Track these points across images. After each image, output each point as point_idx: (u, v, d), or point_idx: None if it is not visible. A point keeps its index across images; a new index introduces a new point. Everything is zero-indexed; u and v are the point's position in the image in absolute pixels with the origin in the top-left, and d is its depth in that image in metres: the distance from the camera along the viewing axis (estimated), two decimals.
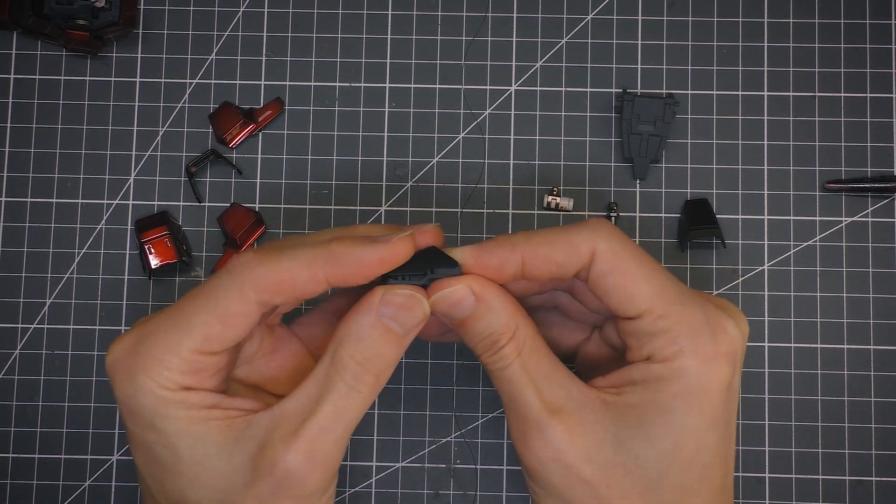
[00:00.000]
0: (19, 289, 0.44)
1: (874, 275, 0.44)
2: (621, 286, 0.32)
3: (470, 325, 0.33)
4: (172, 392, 0.32)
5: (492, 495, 0.43)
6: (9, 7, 0.43)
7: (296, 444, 0.31)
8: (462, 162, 0.45)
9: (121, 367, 0.32)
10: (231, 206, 0.44)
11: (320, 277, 0.32)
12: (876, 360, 0.43)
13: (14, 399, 0.44)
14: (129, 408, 0.32)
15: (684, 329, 0.32)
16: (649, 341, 0.32)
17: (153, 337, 0.32)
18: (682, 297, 0.32)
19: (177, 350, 0.32)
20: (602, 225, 0.33)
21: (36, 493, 0.43)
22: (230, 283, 0.32)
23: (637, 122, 0.43)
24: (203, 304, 0.32)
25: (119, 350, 0.33)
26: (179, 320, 0.32)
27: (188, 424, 0.32)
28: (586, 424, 0.32)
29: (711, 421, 0.32)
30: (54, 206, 0.45)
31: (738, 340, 0.32)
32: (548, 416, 0.32)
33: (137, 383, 0.32)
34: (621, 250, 0.32)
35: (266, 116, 0.45)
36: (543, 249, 0.32)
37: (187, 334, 0.32)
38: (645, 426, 0.32)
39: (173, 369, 0.32)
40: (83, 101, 0.45)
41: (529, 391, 0.33)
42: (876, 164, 0.44)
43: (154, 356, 0.32)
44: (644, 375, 0.32)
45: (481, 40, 0.45)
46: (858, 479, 0.43)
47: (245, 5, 0.45)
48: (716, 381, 0.32)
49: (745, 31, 0.45)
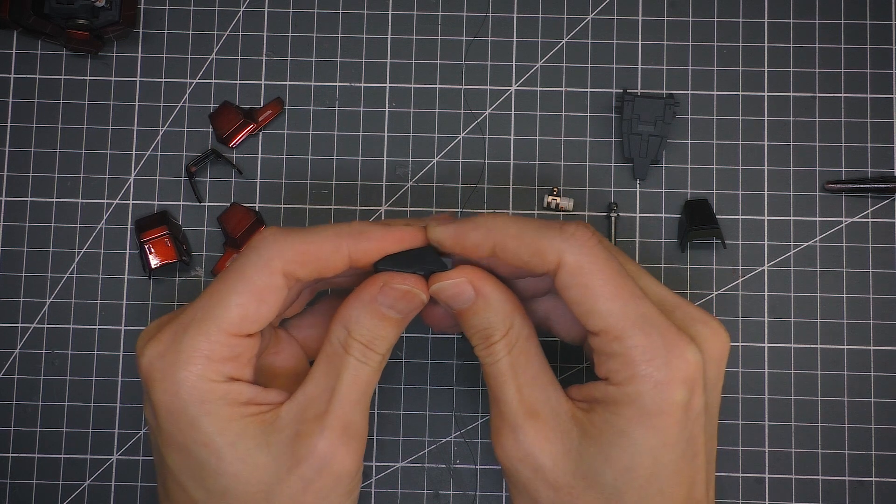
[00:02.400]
0: (19, 288, 0.44)
1: (874, 275, 0.44)
2: (582, 301, 0.32)
3: (467, 317, 0.34)
4: (217, 384, 0.32)
5: (492, 495, 0.43)
6: (9, 6, 0.43)
7: (329, 422, 0.33)
8: (462, 162, 0.45)
9: (159, 367, 0.32)
10: (231, 206, 0.44)
11: (343, 250, 0.33)
12: (876, 360, 0.43)
13: (14, 399, 0.44)
14: (170, 408, 0.32)
15: (638, 354, 0.32)
16: (606, 361, 0.33)
17: (191, 329, 0.32)
18: (641, 319, 0.32)
19: (217, 337, 0.32)
20: (577, 235, 0.32)
21: (36, 493, 0.43)
22: (257, 258, 0.33)
23: (637, 122, 0.43)
24: (234, 285, 0.32)
25: (155, 350, 0.32)
26: (214, 306, 0.32)
27: (229, 421, 0.32)
28: (557, 433, 0.33)
29: (666, 441, 0.32)
30: (54, 205, 0.45)
31: (696, 365, 0.32)
32: (523, 418, 0.33)
33: (180, 380, 0.32)
34: (588, 265, 0.32)
35: (266, 116, 0.45)
36: (513, 244, 0.33)
37: (225, 318, 0.32)
38: (603, 446, 0.32)
39: (216, 358, 0.32)
40: (83, 101, 0.45)
41: (511, 390, 0.33)
42: (876, 164, 0.44)
43: (195, 348, 0.32)
44: (604, 395, 0.33)
45: (481, 40, 0.45)
46: (858, 479, 0.43)
47: (245, 5, 0.45)
48: (669, 405, 0.32)
49: (746, 31, 0.45)
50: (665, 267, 0.44)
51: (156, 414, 0.32)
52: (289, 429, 0.33)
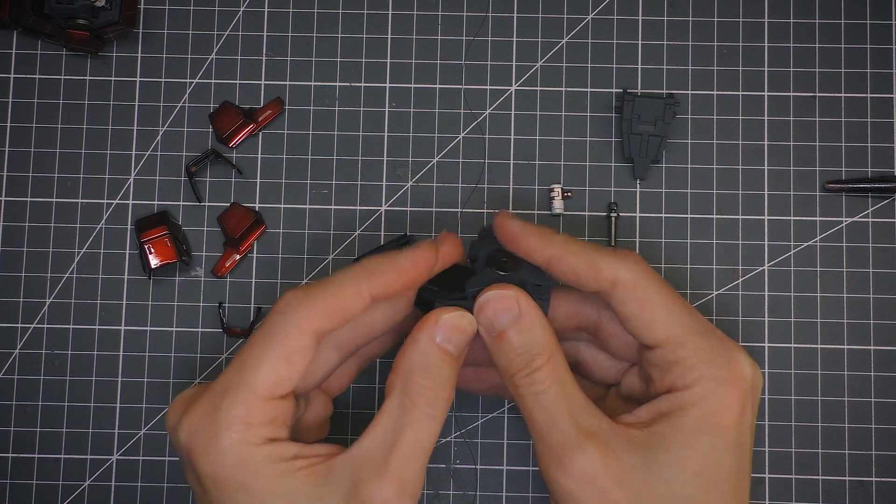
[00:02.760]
0: (19, 288, 0.44)
1: (874, 275, 0.44)
2: (640, 314, 0.34)
3: (509, 338, 0.34)
4: (259, 447, 0.32)
5: (492, 495, 0.43)
6: (9, 6, 0.43)
7: (386, 477, 0.32)
8: (462, 162, 0.45)
9: (200, 438, 0.32)
10: (231, 206, 0.44)
11: (364, 292, 0.33)
12: (876, 360, 0.43)
13: (14, 399, 0.44)
14: (217, 477, 0.32)
15: (702, 356, 0.34)
16: (669, 370, 0.34)
17: (227, 397, 0.32)
18: (699, 326, 0.34)
19: (253, 402, 0.32)
20: (629, 256, 0.35)
21: (36, 493, 0.43)
22: (285, 322, 0.33)
23: (637, 122, 0.43)
24: (265, 350, 0.33)
25: (193, 422, 0.33)
26: (247, 374, 0.33)
27: (277, 478, 0.32)
28: (618, 452, 0.33)
29: (728, 443, 0.33)
30: (54, 205, 0.45)
31: (751, 372, 0.34)
32: (584, 441, 0.33)
33: (223, 448, 0.32)
34: (643, 280, 0.34)
35: (266, 116, 0.45)
36: (571, 259, 0.34)
37: (259, 383, 0.32)
38: (672, 451, 0.33)
39: (254, 423, 0.32)
40: (83, 101, 0.45)
41: (566, 418, 0.33)
42: (876, 164, 0.44)
43: (233, 415, 0.32)
44: (669, 406, 0.34)
45: (481, 40, 0.45)
46: (858, 479, 0.43)
47: (245, 5, 0.45)
48: (731, 401, 0.33)
49: (746, 31, 0.45)
50: (665, 267, 0.44)
51: (202, 483, 0.33)
52: (344, 482, 0.33)
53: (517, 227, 0.36)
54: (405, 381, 0.34)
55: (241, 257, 0.44)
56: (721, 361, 0.34)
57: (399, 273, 0.34)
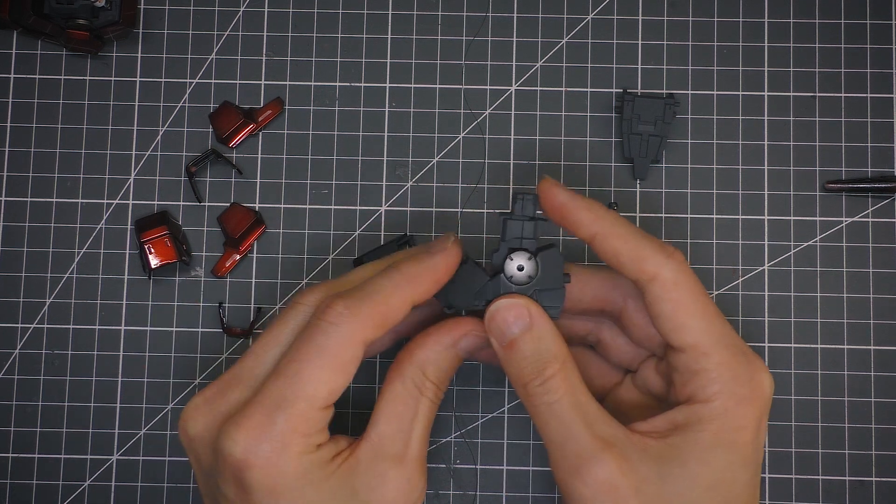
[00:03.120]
0: (19, 288, 0.44)
1: (874, 275, 0.44)
2: (673, 315, 0.34)
3: (520, 346, 0.35)
4: (312, 455, 0.33)
5: (492, 495, 0.43)
6: (9, 6, 0.43)
7: (410, 460, 0.34)
8: (462, 162, 0.45)
9: (260, 454, 0.32)
10: (231, 206, 0.44)
11: (408, 300, 0.34)
12: (876, 360, 0.43)
13: (14, 399, 0.44)
14: (273, 488, 0.32)
15: (724, 371, 0.34)
16: (691, 379, 0.34)
17: (284, 411, 0.32)
18: (727, 339, 0.34)
19: (310, 414, 0.33)
20: (676, 255, 0.34)
21: (36, 493, 0.43)
22: (339, 333, 0.33)
23: (637, 122, 0.43)
24: (320, 361, 0.33)
25: (249, 437, 0.32)
26: (303, 385, 0.33)
27: (324, 482, 0.33)
28: (633, 461, 0.33)
29: (743, 459, 0.34)
30: (54, 205, 0.45)
31: (769, 390, 0.34)
32: (601, 450, 0.33)
33: (284, 462, 0.32)
34: (683, 282, 0.34)
35: (266, 116, 0.45)
36: (617, 242, 0.34)
37: (315, 396, 0.33)
38: (687, 465, 0.33)
39: (311, 434, 0.33)
40: (83, 101, 0.45)
41: (581, 427, 0.33)
42: (876, 164, 0.44)
43: (294, 430, 0.32)
44: (686, 418, 0.34)
45: (481, 40, 0.45)
46: (859, 479, 0.43)
47: (245, 5, 0.45)
48: (750, 420, 0.33)
49: (746, 31, 0.45)
50: None
51: (251, 496, 0.32)
52: (370, 471, 0.34)
53: (565, 197, 0.35)
54: (418, 372, 0.35)
55: (241, 257, 0.44)
56: (744, 378, 0.34)
57: (436, 278, 0.35)
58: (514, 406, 0.44)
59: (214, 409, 0.34)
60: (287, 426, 0.32)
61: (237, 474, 0.32)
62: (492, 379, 0.44)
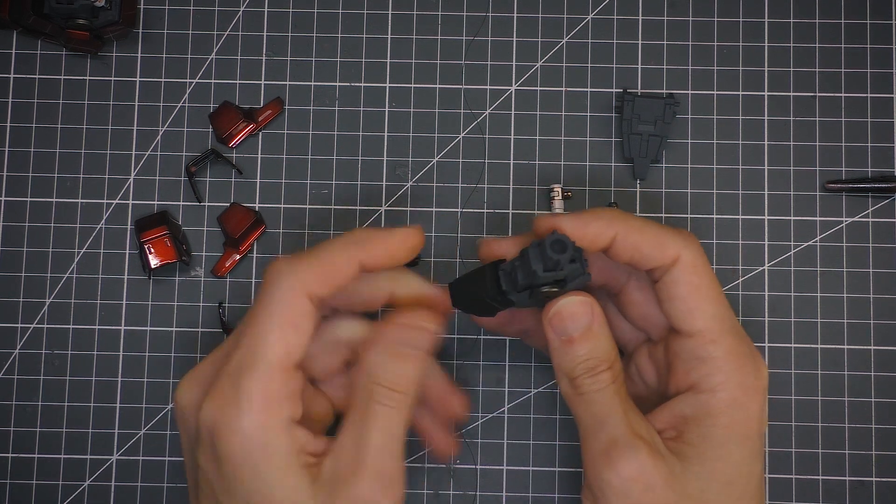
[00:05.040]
0: (19, 288, 0.44)
1: (874, 275, 0.44)
2: (688, 298, 0.34)
3: (578, 345, 0.34)
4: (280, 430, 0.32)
5: (492, 495, 0.43)
6: (9, 6, 0.43)
7: (363, 472, 0.33)
8: (462, 162, 0.45)
9: (222, 418, 0.32)
10: (231, 206, 0.44)
11: (354, 259, 0.34)
12: (876, 360, 0.43)
13: (14, 399, 0.44)
14: (235, 458, 0.32)
15: (731, 360, 0.34)
16: (696, 367, 0.34)
17: (244, 374, 0.32)
18: (734, 328, 0.35)
19: (270, 374, 0.32)
20: (692, 238, 0.35)
21: (36, 493, 0.43)
22: (280, 290, 0.33)
23: (637, 122, 0.43)
24: (268, 321, 0.33)
25: (215, 403, 0.33)
26: (257, 346, 0.33)
27: (287, 470, 0.32)
28: (661, 455, 0.33)
29: (754, 452, 0.34)
30: (54, 205, 0.45)
31: (767, 379, 0.35)
32: (635, 438, 0.33)
33: (245, 427, 0.32)
34: (701, 266, 0.34)
35: (266, 116, 0.45)
36: (635, 236, 0.34)
37: (271, 355, 0.33)
38: (705, 462, 0.33)
39: (273, 398, 0.32)
40: (83, 101, 0.45)
41: (620, 413, 0.34)
42: (876, 164, 0.44)
43: (253, 391, 0.32)
44: (694, 409, 0.34)
45: (481, 40, 0.45)
46: (859, 479, 0.43)
47: (245, 5, 0.45)
48: (756, 410, 0.34)
49: (746, 31, 0.45)
50: None
51: (222, 465, 0.33)
52: (329, 483, 0.33)
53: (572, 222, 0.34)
54: (366, 378, 0.34)
55: (241, 257, 0.44)
56: (749, 368, 0.34)
57: (386, 247, 0.35)
58: (514, 406, 0.44)
59: (203, 384, 0.34)
60: (247, 388, 0.32)
61: (211, 444, 0.33)
62: (492, 379, 0.44)
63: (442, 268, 0.44)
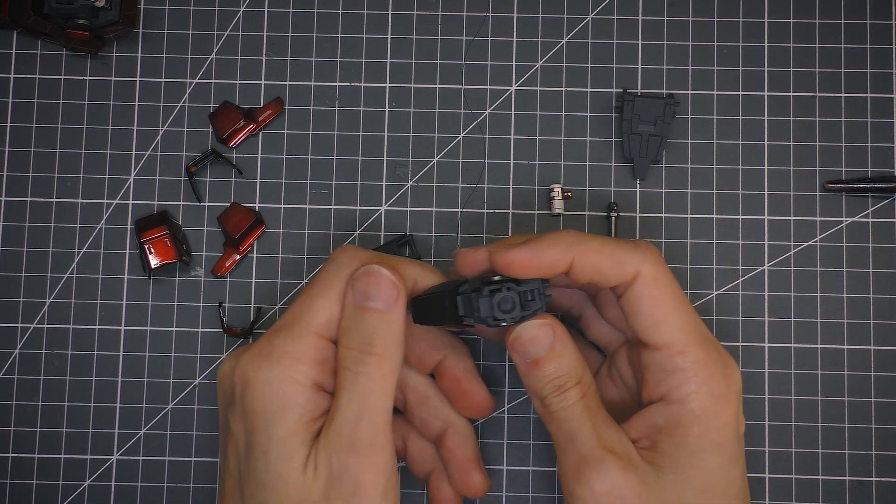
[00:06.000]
0: (19, 288, 0.44)
1: (874, 275, 0.44)
2: (652, 312, 0.34)
3: (543, 365, 0.34)
4: (302, 387, 0.33)
5: (492, 495, 0.43)
6: (9, 6, 0.43)
7: (339, 443, 0.33)
8: (462, 162, 0.45)
9: (253, 369, 0.33)
10: (231, 206, 0.44)
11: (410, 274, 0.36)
12: (876, 360, 0.43)
13: (14, 399, 0.44)
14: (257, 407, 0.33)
15: (700, 369, 0.34)
16: (666, 378, 0.34)
17: (281, 332, 0.34)
18: (701, 336, 0.34)
19: (306, 338, 0.34)
20: (651, 250, 0.35)
21: (36, 493, 0.43)
22: (337, 266, 0.35)
23: (637, 122, 0.43)
24: (319, 290, 0.35)
25: (249, 355, 0.34)
26: (303, 312, 0.34)
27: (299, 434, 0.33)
28: (633, 467, 0.34)
29: (731, 456, 0.34)
30: (54, 205, 0.45)
31: (740, 385, 0.35)
32: (604, 453, 0.33)
33: (270, 378, 0.33)
34: (662, 279, 0.34)
35: (266, 116, 0.45)
36: (593, 257, 0.34)
37: (312, 320, 0.34)
38: (680, 471, 0.33)
39: (304, 359, 0.34)
40: (83, 101, 0.45)
41: (589, 428, 0.34)
42: (876, 164, 0.44)
43: (284, 348, 0.34)
44: (666, 419, 0.34)
45: (481, 40, 0.45)
46: (858, 479, 0.43)
47: (245, 5, 0.45)
48: (731, 416, 0.34)
49: (746, 31, 0.45)
50: None
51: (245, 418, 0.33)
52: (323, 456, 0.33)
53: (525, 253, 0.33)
54: (342, 349, 0.34)
55: (241, 257, 0.44)
56: (719, 376, 0.34)
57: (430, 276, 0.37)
58: (514, 406, 0.44)
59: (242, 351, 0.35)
60: (280, 344, 0.33)
61: (241, 396, 0.33)
62: (492, 380, 0.43)
63: (442, 268, 0.44)
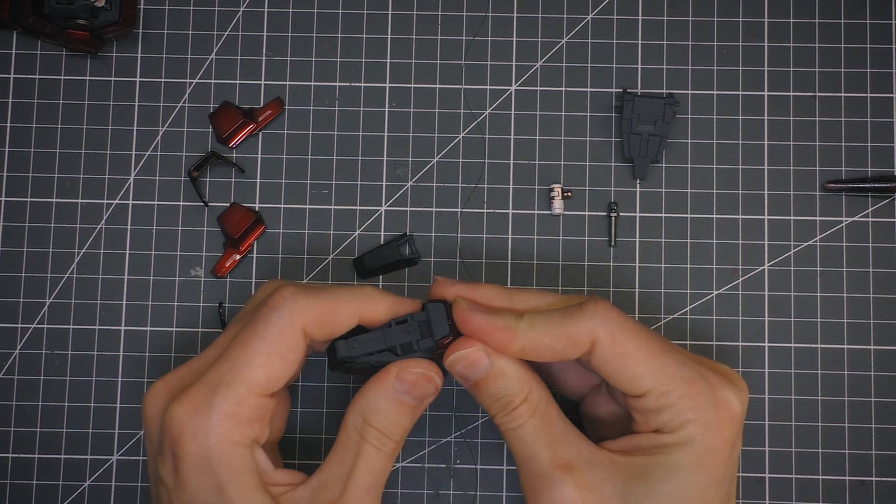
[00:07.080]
0: (19, 289, 0.44)
1: (874, 275, 0.44)
2: (622, 371, 0.34)
3: (484, 387, 0.35)
4: (245, 450, 0.33)
5: (492, 495, 0.43)
6: (9, 7, 0.43)
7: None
8: (462, 162, 0.45)
9: (191, 427, 0.33)
10: (231, 206, 0.44)
11: (355, 314, 0.35)
12: (876, 360, 0.43)
13: (14, 399, 0.44)
14: (199, 469, 0.32)
15: (687, 402, 0.33)
16: (655, 417, 0.34)
17: (221, 390, 0.33)
18: (681, 370, 0.34)
19: (246, 398, 0.33)
20: (599, 309, 0.34)
21: (36, 493, 0.43)
22: (279, 318, 0.33)
23: (637, 122, 0.43)
24: (259, 345, 0.33)
25: (185, 409, 0.33)
26: (242, 367, 0.33)
27: (252, 493, 0.33)
28: (595, 482, 0.33)
29: (715, 479, 0.34)
30: (54, 205, 0.45)
31: (738, 406, 0.34)
32: (559, 472, 0.33)
33: (212, 443, 0.32)
34: (619, 335, 0.34)
35: (266, 116, 0.45)
36: (545, 341, 0.34)
37: (253, 379, 0.33)
38: (651, 485, 0.33)
39: (243, 419, 0.33)
40: (83, 101, 0.45)
41: (542, 448, 0.34)
42: (876, 164, 0.44)
43: (226, 410, 0.33)
44: (652, 444, 0.34)
45: (481, 40, 0.45)
46: (859, 479, 0.43)
47: (245, 5, 0.45)
48: (720, 442, 0.33)
49: (746, 31, 0.45)
50: (665, 267, 0.44)
51: (181, 472, 0.33)
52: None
53: (480, 321, 0.34)
54: (360, 419, 0.35)
55: (241, 257, 0.44)
56: (706, 405, 0.33)
57: (390, 308, 0.35)
58: None
59: (171, 392, 0.34)
60: (221, 404, 0.32)
61: (173, 447, 0.33)
62: None
63: (441, 268, 0.44)
